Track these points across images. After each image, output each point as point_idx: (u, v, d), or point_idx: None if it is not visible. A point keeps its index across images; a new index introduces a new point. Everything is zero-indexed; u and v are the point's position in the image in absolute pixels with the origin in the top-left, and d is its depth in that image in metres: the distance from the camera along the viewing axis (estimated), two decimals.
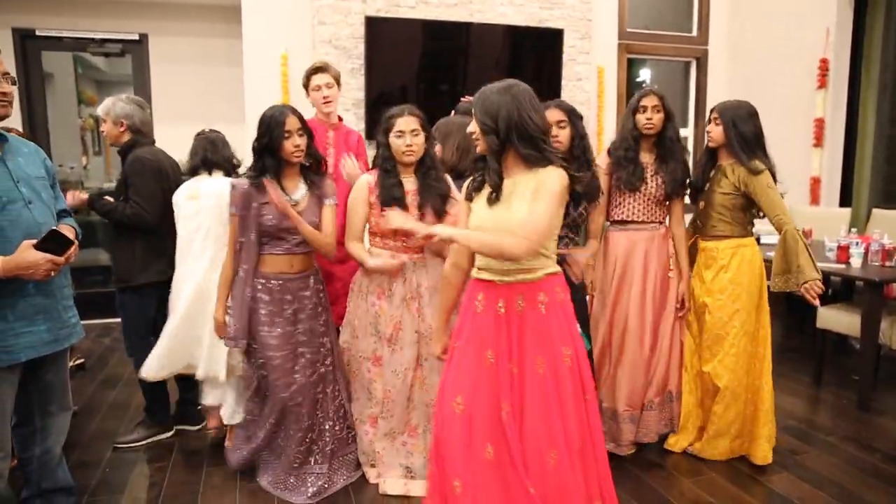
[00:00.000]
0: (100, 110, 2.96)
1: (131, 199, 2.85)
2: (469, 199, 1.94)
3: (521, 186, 1.81)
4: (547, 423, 1.80)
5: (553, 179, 1.76)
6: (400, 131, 2.44)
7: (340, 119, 3.21)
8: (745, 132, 2.67)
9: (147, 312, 2.97)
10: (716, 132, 2.75)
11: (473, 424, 1.81)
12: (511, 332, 1.84)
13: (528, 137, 1.77)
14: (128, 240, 2.90)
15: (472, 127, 1.84)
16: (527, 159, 1.80)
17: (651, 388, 2.82)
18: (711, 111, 2.81)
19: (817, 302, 2.56)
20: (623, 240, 2.81)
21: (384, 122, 2.49)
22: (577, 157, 2.54)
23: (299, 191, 2.49)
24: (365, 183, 2.55)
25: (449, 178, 2.60)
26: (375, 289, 2.57)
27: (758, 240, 2.86)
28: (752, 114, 2.70)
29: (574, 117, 2.55)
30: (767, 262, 2.74)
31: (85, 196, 2.93)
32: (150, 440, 3.05)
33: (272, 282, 2.48)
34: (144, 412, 3.11)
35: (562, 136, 2.51)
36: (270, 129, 2.36)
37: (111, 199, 2.90)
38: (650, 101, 2.72)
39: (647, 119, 2.72)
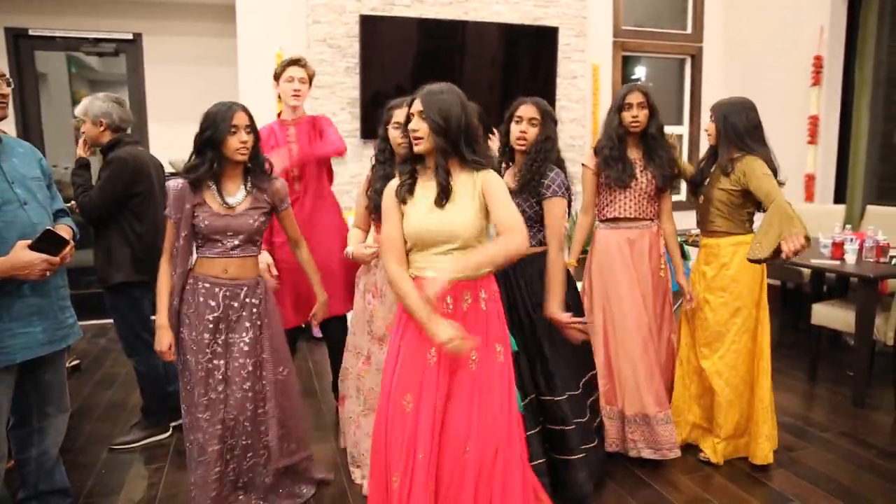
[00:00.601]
0: (77, 111, 2.89)
1: (93, 188, 2.83)
2: (403, 202, 1.90)
3: (462, 188, 1.86)
4: (467, 417, 1.84)
5: (498, 179, 1.87)
6: (397, 122, 2.40)
7: (300, 112, 3.07)
8: (735, 124, 2.67)
9: (137, 311, 2.95)
10: (711, 128, 2.78)
11: (419, 424, 1.81)
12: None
13: (474, 141, 1.85)
14: (104, 240, 2.89)
15: (417, 125, 1.84)
16: (468, 162, 1.85)
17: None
18: (710, 110, 2.82)
19: (792, 254, 2.37)
20: (615, 237, 2.80)
21: (384, 114, 2.50)
22: (531, 155, 2.43)
23: (239, 193, 2.25)
24: (366, 176, 2.61)
25: None
26: (371, 287, 2.58)
27: None
28: (746, 107, 2.70)
29: (548, 118, 2.45)
30: (784, 263, 2.72)
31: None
32: (146, 441, 3.04)
33: (200, 283, 2.23)
34: (141, 413, 3.10)
35: (530, 133, 2.42)
36: (216, 123, 2.15)
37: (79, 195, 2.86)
38: (635, 98, 2.70)
39: (633, 117, 2.71)
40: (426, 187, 1.89)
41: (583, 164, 2.86)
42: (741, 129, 2.67)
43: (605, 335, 2.78)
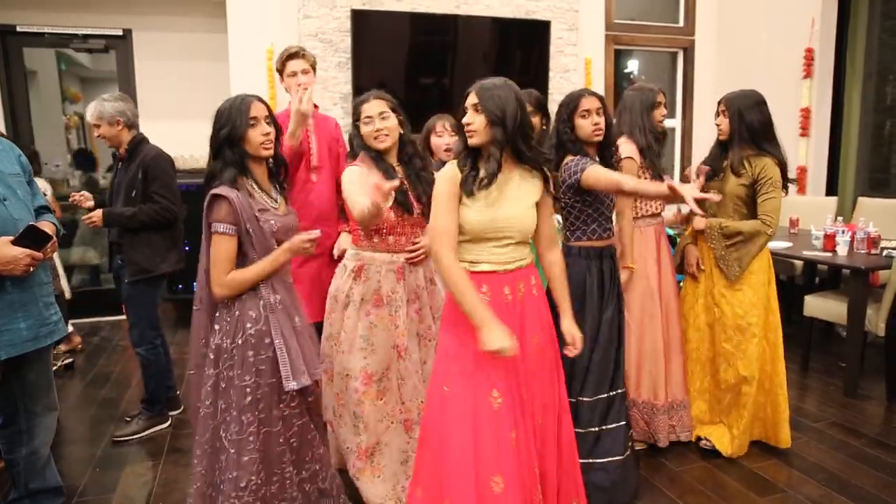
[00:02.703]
0: (90, 118, 2.94)
1: (157, 193, 2.91)
2: (470, 194, 1.82)
3: (523, 183, 1.89)
4: (550, 391, 1.97)
5: (541, 188, 1.94)
6: (368, 117, 2.28)
7: (316, 107, 3.05)
8: (752, 122, 2.64)
9: (157, 302, 3.09)
10: (724, 124, 2.73)
11: (502, 416, 1.81)
12: (518, 316, 1.90)
13: (529, 136, 1.85)
14: (145, 231, 2.93)
15: (471, 118, 1.83)
16: (522, 158, 1.85)
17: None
18: (719, 103, 2.78)
19: (693, 270, 2.86)
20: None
21: (353, 111, 2.37)
22: (606, 143, 2.44)
23: (272, 191, 2.04)
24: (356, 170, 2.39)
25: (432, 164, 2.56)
26: (372, 297, 2.30)
27: None
28: (759, 102, 2.68)
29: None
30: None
31: (98, 217, 2.86)
32: (149, 432, 3.07)
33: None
34: (143, 404, 3.13)
35: (602, 123, 2.38)
36: (232, 118, 1.89)
37: (124, 209, 2.90)
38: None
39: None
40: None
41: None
42: (757, 127, 2.65)
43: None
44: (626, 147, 2.71)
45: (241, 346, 1.89)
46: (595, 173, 2.19)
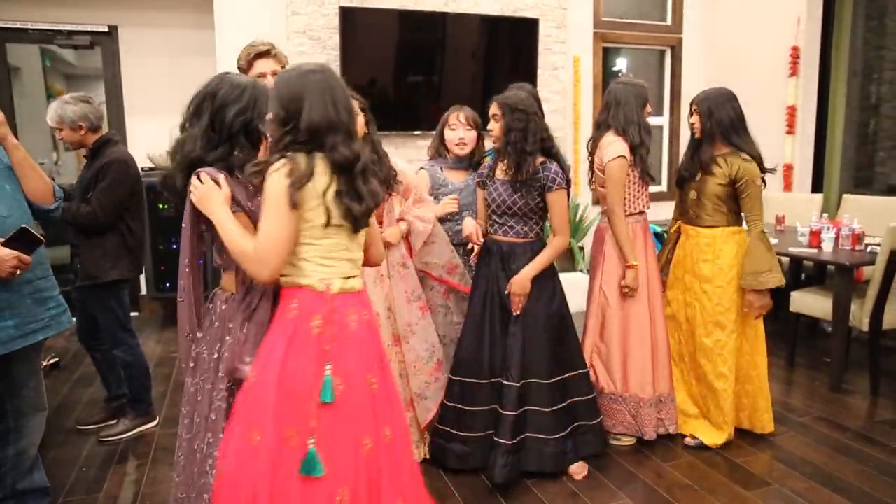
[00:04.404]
0: (50, 121, 2.84)
1: (93, 197, 2.80)
2: None
3: None
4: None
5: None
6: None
7: None
8: (721, 118, 2.69)
9: (123, 304, 3.00)
10: (697, 122, 2.78)
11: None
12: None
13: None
14: (99, 238, 2.87)
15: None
16: None
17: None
18: (691, 103, 2.83)
19: (756, 314, 2.77)
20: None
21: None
22: (508, 150, 2.46)
23: None
24: None
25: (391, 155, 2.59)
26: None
27: None
28: (729, 98, 2.72)
29: (507, 110, 2.44)
30: None
31: None
32: (136, 431, 3.05)
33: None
34: (128, 404, 3.10)
35: (496, 129, 2.51)
36: (258, 101, 1.68)
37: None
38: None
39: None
40: None
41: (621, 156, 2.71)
42: (727, 123, 2.69)
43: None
44: (618, 146, 2.69)
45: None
46: (559, 199, 2.50)
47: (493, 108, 2.50)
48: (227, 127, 1.67)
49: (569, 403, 2.58)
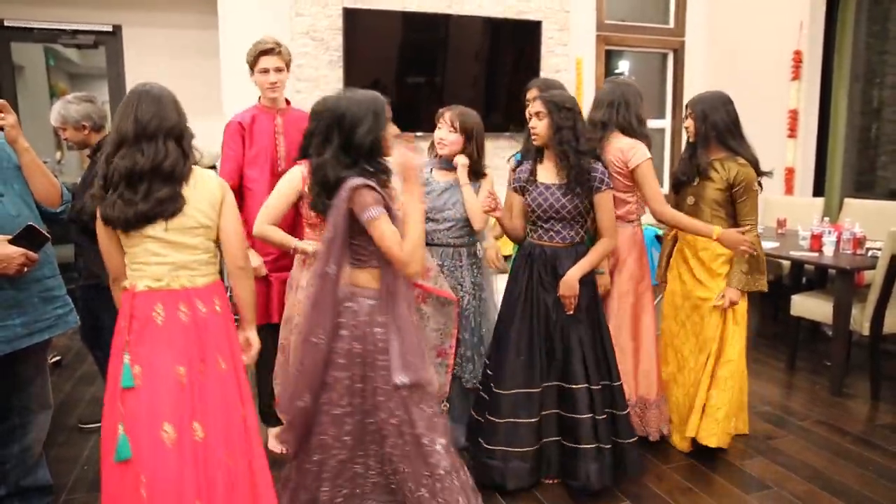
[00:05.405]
0: (53, 121, 2.82)
1: (87, 193, 2.77)
2: None
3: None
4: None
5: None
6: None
7: (288, 102, 2.89)
8: (716, 122, 2.67)
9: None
10: (692, 126, 2.76)
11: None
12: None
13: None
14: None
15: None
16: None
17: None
18: (686, 107, 2.81)
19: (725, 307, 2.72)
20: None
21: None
22: (561, 149, 2.40)
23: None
24: (299, 173, 2.37)
25: None
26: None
27: None
28: (724, 101, 2.70)
29: (553, 107, 2.38)
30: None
31: None
32: None
33: None
34: None
35: (540, 127, 2.41)
36: (379, 122, 1.80)
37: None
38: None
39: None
40: None
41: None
42: (721, 127, 2.67)
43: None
44: (642, 148, 2.66)
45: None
46: (605, 200, 2.47)
47: (537, 106, 2.38)
48: (357, 147, 1.81)
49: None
